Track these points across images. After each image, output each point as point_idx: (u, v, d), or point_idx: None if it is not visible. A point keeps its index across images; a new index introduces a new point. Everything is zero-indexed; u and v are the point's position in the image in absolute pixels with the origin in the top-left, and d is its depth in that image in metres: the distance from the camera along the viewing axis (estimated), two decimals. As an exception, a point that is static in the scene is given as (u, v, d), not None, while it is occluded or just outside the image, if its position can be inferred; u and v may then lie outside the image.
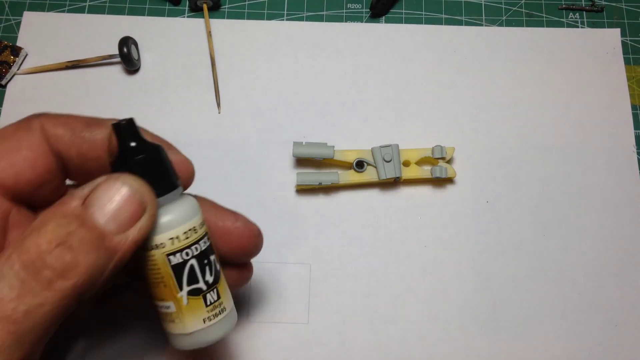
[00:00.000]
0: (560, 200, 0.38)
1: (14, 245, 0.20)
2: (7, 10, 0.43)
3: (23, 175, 0.24)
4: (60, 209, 0.21)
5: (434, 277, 0.36)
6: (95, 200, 0.22)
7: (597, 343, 0.35)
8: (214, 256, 0.25)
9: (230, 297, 0.26)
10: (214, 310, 0.25)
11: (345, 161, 0.37)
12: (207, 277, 0.24)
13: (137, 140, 0.23)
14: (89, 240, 0.21)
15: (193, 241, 0.24)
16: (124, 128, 0.23)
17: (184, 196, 0.25)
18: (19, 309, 0.19)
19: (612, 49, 0.42)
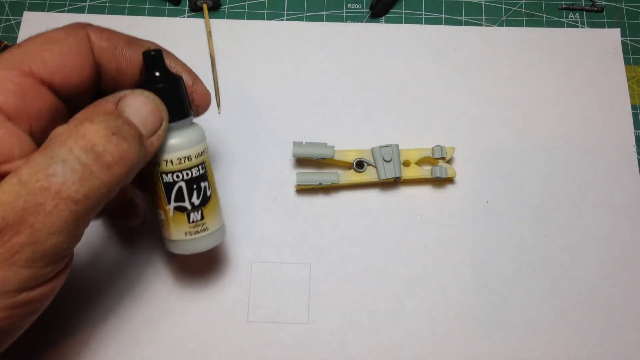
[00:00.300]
0: (560, 200, 0.38)
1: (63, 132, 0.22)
2: (7, 10, 0.43)
3: (71, 77, 0.26)
4: (100, 108, 0.24)
5: (434, 277, 0.36)
6: (127, 106, 0.25)
7: (597, 343, 0.35)
8: (205, 183, 0.29)
9: (219, 220, 0.31)
10: (196, 228, 0.29)
11: (345, 161, 0.37)
12: (193, 200, 0.29)
13: (161, 70, 0.27)
14: (134, 135, 0.24)
15: (184, 168, 0.28)
16: (152, 57, 0.27)
17: (191, 126, 0.29)
18: (81, 191, 0.22)
19: (612, 49, 0.42)
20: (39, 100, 0.25)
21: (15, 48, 0.25)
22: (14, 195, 0.21)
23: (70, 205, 0.22)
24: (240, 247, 0.37)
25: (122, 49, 0.27)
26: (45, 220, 0.21)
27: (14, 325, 0.24)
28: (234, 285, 0.36)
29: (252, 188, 0.38)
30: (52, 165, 0.22)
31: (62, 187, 0.22)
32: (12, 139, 0.23)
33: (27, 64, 0.24)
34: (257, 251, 0.37)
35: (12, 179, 0.22)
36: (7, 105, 0.23)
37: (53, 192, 0.21)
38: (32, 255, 0.22)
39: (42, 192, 0.21)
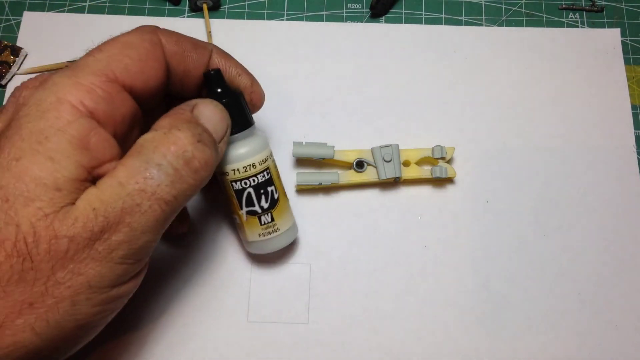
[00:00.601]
0: (560, 200, 0.38)
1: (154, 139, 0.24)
2: (7, 10, 0.43)
3: (150, 82, 0.27)
4: (181, 116, 0.26)
5: (434, 277, 0.36)
6: (200, 114, 0.27)
7: (597, 343, 0.35)
8: (272, 187, 0.32)
9: (289, 220, 0.33)
10: (268, 229, 0.32)
11: (345, 161, 0.37)
12: (262, 204, 0.32)
13: (222, 87, 0.30)
14: (212, 142, 0.26)
15: (250, 175, 0.31)
16: (213, 77, 0.30)
17: (254, 136, 0.32)
18: (172, 192, 0.24)
19: (612, 49, 0.42)
20: (124, 105, 0.25)
21: (97, 52, 0.26)
22: (114, 196, 0.23)
23: (162, 205, 0.24)
24: (240, 247, 0.37)
25: (190, 52, 0.29)
26: (141, 220, 0.23)
27: (102, 320, 0.25)
28: (234, 285, 0.36)
29: (252, 188, 0.38)
30: (148, 170, 0.23)
31: (157, 189, 0.24)
32: (104, 144, 0.24)
33: (111, 70, 0.25)
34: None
35: (111, 180, 0.23)
36: (97, 110, 0.24)
37: (149, 194, 0.23)
38: (126, 253, 0.23)
39: (140, 193, 0.23)
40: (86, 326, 0.24)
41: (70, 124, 0.23)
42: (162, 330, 0.35)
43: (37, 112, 0.23)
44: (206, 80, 0.30)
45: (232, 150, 0.31)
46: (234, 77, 0.31)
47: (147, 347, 0.35)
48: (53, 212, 0.22)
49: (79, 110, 0.24)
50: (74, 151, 0.23)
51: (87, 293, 0.23)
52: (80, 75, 0.24)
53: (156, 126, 0.25)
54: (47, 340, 0.23)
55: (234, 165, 0.31)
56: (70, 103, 0.23)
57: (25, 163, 0.22)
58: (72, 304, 0.23)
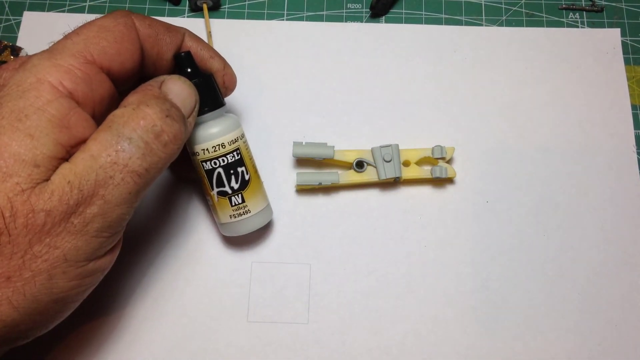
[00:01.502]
0: (560, 200, 0.38)
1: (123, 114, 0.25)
2: (7, 10, 0.43)
3: (126, 64, 0.27)
4: (149, 92, 0.26)
5: (434, 277, 0.36)
6: (169, 90, 0.27)
7: (597, 343, 0.35)
8: (242, 168, 0.32)
9: (261, 202, 0.33)
10: (239, 210, 0.32)
11: (345, 161, 0.37)
12: (233, 184, 0.32)
13: (192, 68, 0.30)
14: (180, 116, 0.27)
15: (220, 154, 0.31)
16: (183, 58, 0.30)
17: (224, 116, 0.32)
18: (143, 165, 0.25)
19: (612, 49, 0.42)
20: (101, 86, 0.26)
21: (74, 36, 0.26)
22: (87, 169, 0.23)
23: (135, 177, 0.24)
24: (240, 247, 0.37)
25: (163, 35, 0.30)
26: (114, 192, 0.24)
27: (79, 295, 0.26)
28: (234, 285, 0.36)
29: (252, 188, 0.38)
30: (119, 143, 0.24)
31: (129, 161, 0.24)
32: (83, 123, 0.25)
33: (89, 52, 0.26)
34: (257, 251, 0.37)
35: (84, 154, 0.24)
36: (77, 91, 0.25)
37: (121, 166, 0.24)
38: (101, 225, 0.24)
39: (112, 165, 0.24)
40: (63, 300, 0.25)
41: (50, 103, 0.24)
42: (162, 330, 0.35)
43: (17, 92, 0.24)
44: (177, 62, 0.30)
45: (202, 130, 0.31)
46: (206, 60, 0.32)
47: (147, 348, 0.35)
48: (30, 188, 0.22)
49: (59, 90, 0.24)
50: (53, 129, 0.23)
51: (63, 266, 0.23)
52: (59, 57, 0.25)
53: (125, 102, 0.26)
54: (24, 314, 0.23)
55: (204, 145, 0.31)
56: (50, 83, 0.24)
57: (5, 139, 0.23)
58: (49, 278, 0.23)
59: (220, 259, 0.37)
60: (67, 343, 0.34)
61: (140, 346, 0.35)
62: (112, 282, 0.36)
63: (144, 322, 0.35)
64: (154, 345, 0.35)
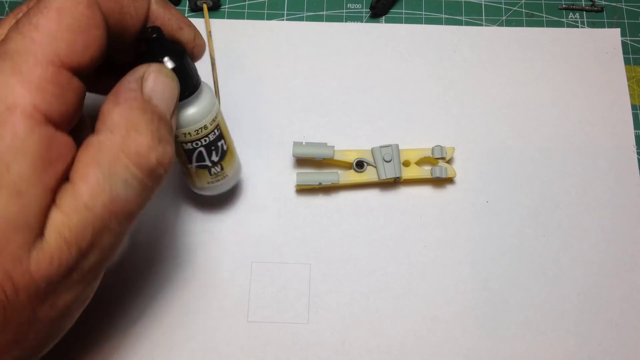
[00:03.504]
0: (560, 200, 0.38)
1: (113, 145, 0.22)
2: (7, 10, 0.43)
3: (95, 56, 0.23)
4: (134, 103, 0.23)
5: (434, 277, 0.36)
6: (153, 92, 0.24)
7: (597, 343, 0.35)
8: (222, 141, 0.31)
9: (235, 165, 0.34)
10: (216, 177, 0.33)
11: (345, 161, 0.37)
12: (213, 158, 0.31)
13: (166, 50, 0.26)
14: (170, 132, 0.24)
15: (202, 136, 0.30)
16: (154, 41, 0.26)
17: (202, 94, 0.29)
18: (140, 205, 0.23)
19: (612, 49, 0.42)
20: (75, 94, 0.22)
21: (32, 30, 0.21)
22: (83, 222, 0.21)
23: (130, 220, 0.23)
24: (240, 247, 0.37)
25: (128, 6, 0.25)
26: (110, 239, 0.23)
27: None
28: (234, 285, 0.36)
29: (252, 188, 0.38)
30: (114, 188, 0.22)
31: (125, 205, 0.22)
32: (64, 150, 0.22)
33: (56, 54, 0.21)
34: (257, 251, 0.37)
35: (75, 202, 0.21)
36: (52, 112, 0.21)
37: (118, 213, 0.22)
38: (100, 269, 0.23)
39: (109, 215, 0.22)
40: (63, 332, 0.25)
41: (28, 138, 0.20)
42: (162, 330, 0.35)
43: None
44: (147, 45, 0.26)
45: (182, 114, 0.28)
46: (175, 31, 0.27)
47: (147, 348, 0.35)
48: (26, 253, 0.20)
49: (33, 118, 0.20)
50: (38, 175, 0.20)
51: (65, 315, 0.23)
52: (24, 68, 0.21)
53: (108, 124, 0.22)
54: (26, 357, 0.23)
55: (186, 130, 0.29)
56: (22, 111, 0.20)
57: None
58: (51, 328, 0.23)
59: (220, 259, 0.37)
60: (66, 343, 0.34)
61: (140, 346, 0.35)
62: (112, 283, 0.36)
63: (144, 322, 0.35)
64: (154, 345, 0.35)
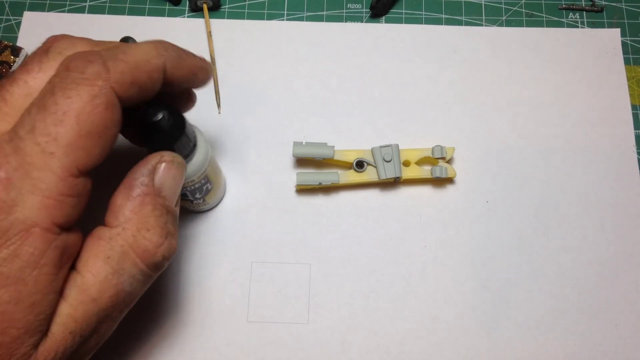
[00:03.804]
0: (560, 200, 0.38)
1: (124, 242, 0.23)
2: (7, 10, 0.43)
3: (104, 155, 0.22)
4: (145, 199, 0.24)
5: (434, 277, 0.36)
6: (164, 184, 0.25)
7: (597, 343, 0.35)
8: (207, 185, 0.33)
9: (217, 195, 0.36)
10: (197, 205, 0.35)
11: (345, 161, 0.37)
12: (197, 196, 0.33)
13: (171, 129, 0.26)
14: (174, 221, 0.25)
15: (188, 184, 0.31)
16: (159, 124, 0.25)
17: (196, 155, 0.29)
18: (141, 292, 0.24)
19: (612, 49, 0.42)
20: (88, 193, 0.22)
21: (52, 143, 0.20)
22: (88, 313, 0.22)
23: (129, 307, 0.24)
24: (240, 247, 0.37)
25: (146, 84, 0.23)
26: (110, 325, 0.24)
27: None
28: (234, 285, 0.36)
29: (252, 188, 0.38)
30: (120, 282, 0.23)
31: (128, 297, 0.24)
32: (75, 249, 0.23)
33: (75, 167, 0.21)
34: (257, 251, 0.37)
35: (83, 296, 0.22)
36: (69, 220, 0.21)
37: (120, 304, 0.23)
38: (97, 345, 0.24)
39: (113, 306, 0.23)
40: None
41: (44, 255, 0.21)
42: (162, 330, 0.35)
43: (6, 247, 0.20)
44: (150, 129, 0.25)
45: None
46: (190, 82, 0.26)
47: (147, 348, 0.35)
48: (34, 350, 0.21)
49: (51, 231, 0.21)
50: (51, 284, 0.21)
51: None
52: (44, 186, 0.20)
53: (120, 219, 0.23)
54: None
55: None
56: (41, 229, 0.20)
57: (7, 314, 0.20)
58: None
59: (220, 259, 0.37)
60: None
61: (141, 346, 0.35)
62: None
63: (144, 322, 0.35)
64: (154, 345, 0.35)
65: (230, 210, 0.37)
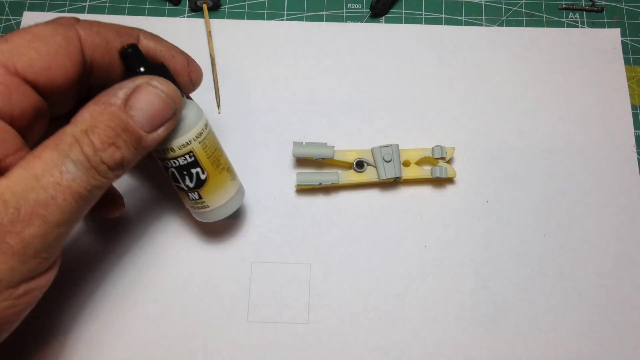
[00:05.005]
0: (560, 200, 0.38)
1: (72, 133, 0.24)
2: (7, 10, 0.43)
3: (56, 79, 0.26)
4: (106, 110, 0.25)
5: (434, 277, 0.36)
6: (136, 102, 0.26)
7: (597, 343, 0.35)
8: (197, 169, 0.30)
9: (222, 198, 0.32)
10: (197, 205, 0.32)
11: (345, 161, 0.37)
12: (187, 183, 0.31)
13: (144, 65, 0.28)
14: (131, 142, 0.25)
15: (169, 158, 0.30)
16: (131, 55, 0.28)
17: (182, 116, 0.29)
18: (87, 187, 0.24)
19: (612, 49, 0.42)
20: (23, 100, 0.25)
21: (1, 43, 0.25)
22: (28, 188, 0.23)
23: (77, 198, 0.24)
24: (240, 247, 0.37)
25: (114, 41, 0.28)
26: (55, 213, 0.23)
27: (15, 316, 0.25)
28: (234, 285, 0.36)
29: (252, 188, 0.38)
30: (65, 163, 0.23)
31: (73, 182, 0.23)
32: (5, 136, 0.24)
33: (12, 63, 0.25)
34: (257, 251, 0.37)
35: (26, 173, 0.23)
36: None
37: (64, 187, 0.23)
38: (41, 246, 0.23)
39: (55, 186, 0.23)
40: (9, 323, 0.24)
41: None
42: (162, 330, 0.35)
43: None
44: (123, 60, 0.28)
45: None
46: (168, 59, 0.30)
47: (147, 348, 0.35)
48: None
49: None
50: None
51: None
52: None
53: (78, 118, 0.25)
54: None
55: None
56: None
57: None
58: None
59: (220, 259, 0.37)
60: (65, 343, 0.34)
61: (141, 346, 0.35)
62: (113, 283, 0.36)
63: (144, 322, 0.35)
64: (154, 345, 0.35)
65: (230, 210, 0.37)
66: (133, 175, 0.38)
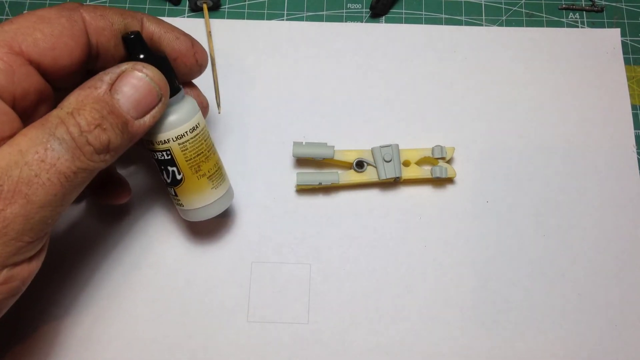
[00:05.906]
0: (560, 200, 0.38)
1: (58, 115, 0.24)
2: (7, 10, 0.43)
3: (60, 60, 0.26)
4: (92, 94, 0.25)
5: (434, 277, 0.36)
6: (121, 87, 0.25)
7: (597, 343, 0.35)
8: (173, 168, 0.30)
9: (195, 202, 0.32)
10: (176, 202, 0.32)
11: (345, 161, 0.37)
12: (165, 177, 0.31)
13: (144, 52, 0.28)
14: (117, 125, 0.25)
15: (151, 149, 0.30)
16: (133, 41, 0.28)
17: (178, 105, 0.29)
18: (72, 168, 0.23)
19: (612, 49, 0.42)
20: (26, 80, 0.25)
21: (6, 24, 0.25)
22: (12, 164, 0.22)
23: (62, 179, 0.23)
24: (240, 247, 0.37)
25: (118, 25, 0.28)
26: (39, 192, 0.22)
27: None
28: (234, 285, 0.36)
29: (252, 188, 0.38)
30: (50, 141, 0.23)
31: (57, 161, 0.23)
32: (3, 118, 0.24)
33: (17, 43, 0.25)
34: (257, 251, 0.37)
35: (10, 148, 0.23)
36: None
37: (48, 165, 0.23)
38: (23, 227, 0.22)
39: (39, 164, 0.23)
40: None
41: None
42: (162, 330, 0.35)
43: None
44: (125, 46, 0.28)
45: None
46: (172, 41, 0.30)
47: (147, 347, 0.35)
48: None
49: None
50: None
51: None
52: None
53: (63, 103, 0.25)
54: None
55: None
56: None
57: None
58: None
59: (220, 259, 0.37)
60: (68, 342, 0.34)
61: (141, 346, 0.35)
62: (112, 283, 0.36)
63: (145, 321, 0.35)
64: (155, 344, 0.35)
65: (230, 210, 0.37)
66: (133, 175, 0.38)
